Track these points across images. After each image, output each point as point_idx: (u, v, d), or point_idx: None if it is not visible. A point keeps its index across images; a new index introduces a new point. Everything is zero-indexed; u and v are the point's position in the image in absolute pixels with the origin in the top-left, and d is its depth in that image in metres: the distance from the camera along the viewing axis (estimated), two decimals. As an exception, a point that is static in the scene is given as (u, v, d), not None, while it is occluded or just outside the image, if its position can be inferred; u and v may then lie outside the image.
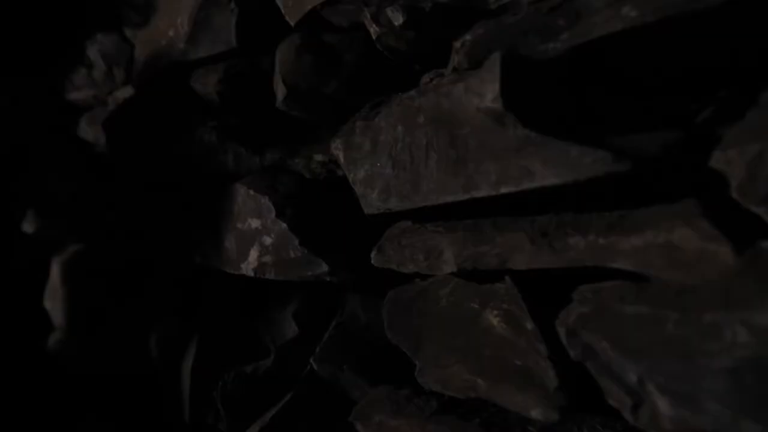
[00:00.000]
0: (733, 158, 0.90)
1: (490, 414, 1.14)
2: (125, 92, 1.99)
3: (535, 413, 0.99)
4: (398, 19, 1.13)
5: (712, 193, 0.93)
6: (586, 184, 0.97)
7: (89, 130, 2.09)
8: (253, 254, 1.50)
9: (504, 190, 1.02)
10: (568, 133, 0.95)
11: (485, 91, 0.97)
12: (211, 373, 1.58)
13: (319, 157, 1.53)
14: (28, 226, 2.06)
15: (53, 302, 2.04)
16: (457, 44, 1.06)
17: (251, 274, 1.51)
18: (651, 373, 0.87)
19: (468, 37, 1.04)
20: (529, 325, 1.05)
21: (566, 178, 0.94)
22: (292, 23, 1.47)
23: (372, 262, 1.29)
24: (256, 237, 1.49)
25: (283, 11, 1.48)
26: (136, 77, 1.94)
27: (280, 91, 1.42)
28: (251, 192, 1.49)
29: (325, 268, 1.38)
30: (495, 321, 1.13)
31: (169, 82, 1.78)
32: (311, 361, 1.41)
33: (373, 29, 1.21)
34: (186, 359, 1.64)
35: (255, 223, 1.48)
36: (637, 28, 0.90)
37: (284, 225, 1.41)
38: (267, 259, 1.47)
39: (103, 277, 1.97)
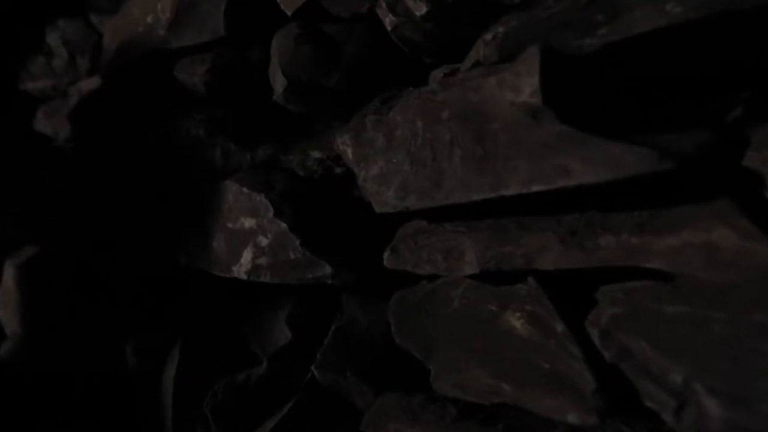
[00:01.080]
0: (769, 158, 0.90)
1: (512, 418, 1.11)
2: (92, 82, 1.84)
3: (572, 417, 0.96)
4: (421, 9, 1.08)
5: (744, 192, 0.94)
6: (620, 184, 0.95)
7: (47, 123, 1.93)
8: (247, 256, 1.41)
9: (536, 188, 0.99)
10: (607, 131, 0.93)
11: (522, 85, 0.94)
12: (196, 382, 1.48)
13: (316, 154, 1.46)
14: (-22, 227, 1.88)
15: (6, 309, 1.87)
16: (488, 36, 1.02)
17: (244, 277, 1.42)
18: (698, 374, 0.85)
19: (500, 29, 1.00)
20: (559, 326, 1.02)
21: (606, 177, 0.92)
22: (288, 12, 1.41)
23: (384, 263, 1.24)
24: (250, 237, 1.40)
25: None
26: (105, 66, 1.81)
27: (279, 82, 1.35)
28: (244, 189, 1.41)
29: (328, 270, 1.31)
30: (517, 323, 1.10)
31: (146, 71, 1.66)
32: (312, 368, 1.34)
33: (389, 19, 1.17)
34: (168, 367, 1.52)
35: (249, 222, 1.40)
36: (680, 25, 0.88)
37: (284, 225, 1.34)
38: (262, 260, 1.39)
39: (66, 281, 1.81)
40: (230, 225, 1.45)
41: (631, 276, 1.02)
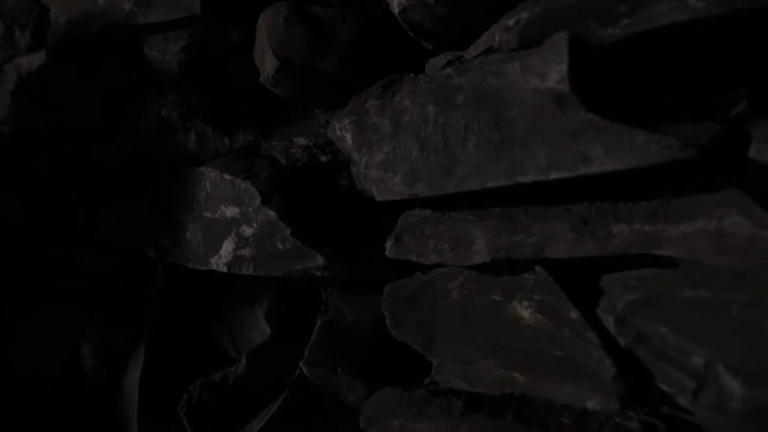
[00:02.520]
0: (776, 149, 0.95)
1: (518, 408, 1.10)
2: (35, 59, 1.67)
3: (592, 404, 0.97)
4: (437, -8, 1.06)
5: (751, 183, 0.98)
6: (637, 172, 0.97)
7: (-25, 103, 1.73)
8: (227, 247, 1.33)
9: (555, 175, 0.99)
10: (628, 120, 0.95)
11: (549, 71, 0.94)
12: (165, 384, 1.37)
13: (301, 141, 1.40)
14: None
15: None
16: (510, 22, 1.01)
17: (224, 269, 1.34)
18: (720, 356, 0.88)
19: (524, 15, 1.00)
20: (574, 314, 1.02)
21: (629, 165, 0.93)
22: (276, -8, 1.34)
23: (387, 253, 1.19)
24: (232, 227, 1.32)
25: (264, -22, 1.34)
26: (53, 41, 1.65)
27: (270, 63, 1.28)
28: (226, 176, 1.32)
29: (319, 261, 1.25)
30: (525, 312, 1.10)
31: (106, 47, 1.52)
32: (301, 365, 1.28)
33: (398, 1, 1.13)
34: (131, 369, 1.40)
35: (231, 211, 1.31)
36: (702, 21, 0.91)
37: (272, 213, 1.26)
38: (245, 252, 1.31)
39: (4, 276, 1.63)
40: (208, 214, 1.36)
41: (634, 266, 1.04)
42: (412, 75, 1.21)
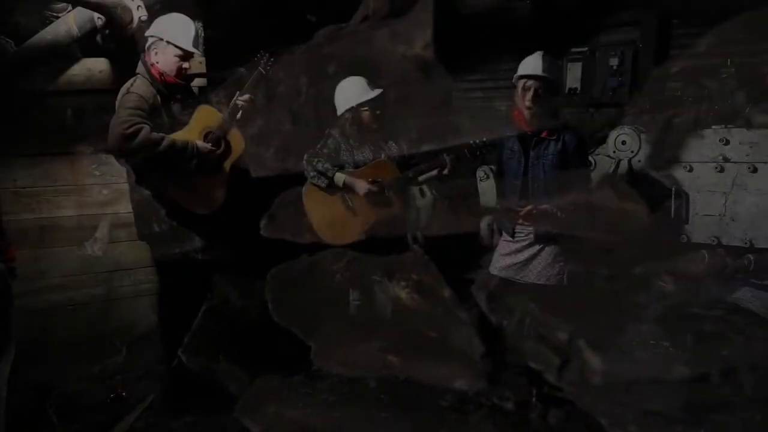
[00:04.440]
0: (645, 124, 0.94)
1: (397, 390, 1.07)
2: None
3: (460, 384, 0.94)
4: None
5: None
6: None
7: None
8: (102, 230, 1.24)
9: (426, 148, 0.96)
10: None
11: (415, 37, 0.90)
12: (38, 380, 1.27)
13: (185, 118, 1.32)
14: None
15: None
16: (379, -12, 0.97)
17: (98, 254, 1.25)
18: (582, 330, 0.86)
19: (395, -20, 0.96)
20: (447, 292, 0.99)
21: (499, 134, 0.91)
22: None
23: (261, 232, 1.14)
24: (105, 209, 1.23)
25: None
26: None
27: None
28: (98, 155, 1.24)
29: (198, 243, 1.18)
30: (403, 293, 1.07)
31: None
32: (179, 353, 1.20)
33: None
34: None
35: (102, 192, 1.23)
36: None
37: (146, 192, 1.18)
38: (121, 233, 1.23)
39: None
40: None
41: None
42: (295, 47, 1.15)
